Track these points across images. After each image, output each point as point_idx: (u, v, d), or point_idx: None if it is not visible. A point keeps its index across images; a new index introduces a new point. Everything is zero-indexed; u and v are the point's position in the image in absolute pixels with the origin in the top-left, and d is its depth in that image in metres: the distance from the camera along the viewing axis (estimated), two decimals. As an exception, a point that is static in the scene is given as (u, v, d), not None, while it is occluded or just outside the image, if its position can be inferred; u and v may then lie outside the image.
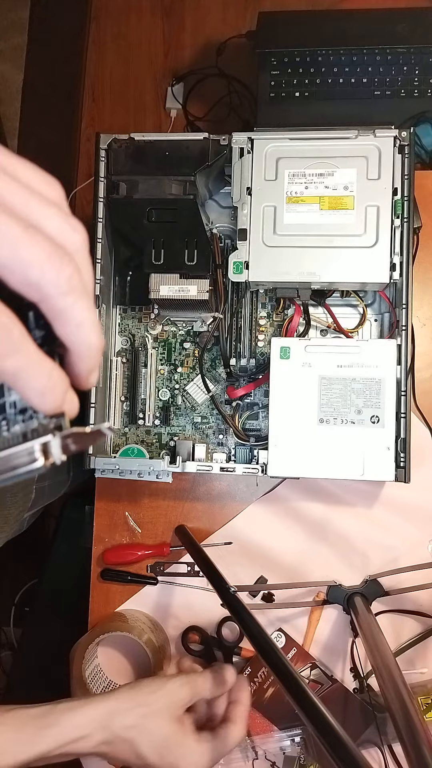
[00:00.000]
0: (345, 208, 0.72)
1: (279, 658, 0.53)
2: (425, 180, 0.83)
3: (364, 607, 0.77)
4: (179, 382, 0.84)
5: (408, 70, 1.11)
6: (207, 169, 0.75)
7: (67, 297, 0.24)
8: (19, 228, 0.23)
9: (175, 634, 0.86)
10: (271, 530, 0.85)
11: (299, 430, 0.72)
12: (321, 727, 0.44)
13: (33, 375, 0.24)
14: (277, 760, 0.81)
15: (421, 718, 0.76)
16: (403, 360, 0.72)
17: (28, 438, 0.25)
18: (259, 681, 0.82)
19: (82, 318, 0.25)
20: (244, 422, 0.82)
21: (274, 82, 1.14)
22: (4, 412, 0.26)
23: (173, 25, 1.54)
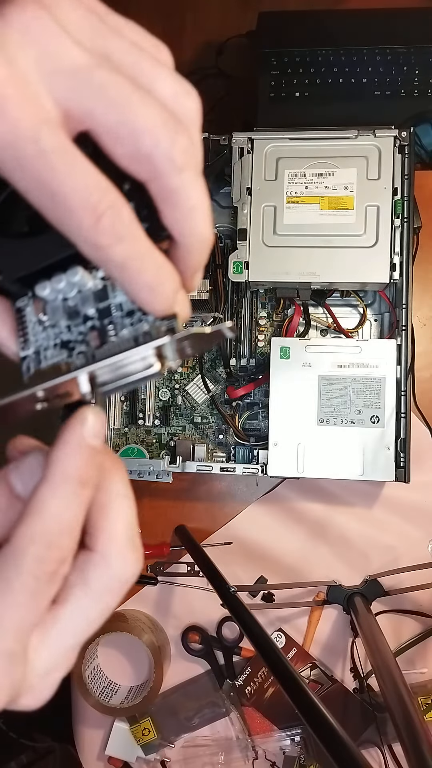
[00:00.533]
0: (345, 208, 0.72)
1: (279, 658, 0.53)
2: (425, 180, 0.83)
3: (364, 607, 0.77)
4: (179, 382, 0.84)
5: (408, 70, 1.11)
6: (207, 169, 0.75)
7: (182, 174, 0.21)
8: (130, 88, 0.20)
9: (175, 634, 0.86)
10: (271, 530, 0.85)
11: (299, 430, 0.72)
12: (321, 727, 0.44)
13: (143, 266, 0.21)
14: (277, 760, 0.81)
15: (421, 718, 0.76)
16: (403, 360, 0.72)
17: (139, 341, 0.23)
18: (259, 681, 0.82)
19: (195, 201, 0.21)
20: (244, 422, 0.82)
21: (274, 82, 1.14)
22: (109, 315, 0.24)
23: (173, 25, 1.54)
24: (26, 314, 0.25)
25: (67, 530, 0.21)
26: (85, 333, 0.24)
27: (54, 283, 0.24)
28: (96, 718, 0.85)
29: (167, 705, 0.84)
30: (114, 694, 0.84)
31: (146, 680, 0.83)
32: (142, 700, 0.80)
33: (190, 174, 0.21)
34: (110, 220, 0.20)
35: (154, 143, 0.20)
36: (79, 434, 0.22)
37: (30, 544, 0.21)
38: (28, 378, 0.25)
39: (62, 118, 0.20)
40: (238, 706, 0.82)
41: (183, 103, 0.22)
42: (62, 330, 0.24)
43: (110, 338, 0.24)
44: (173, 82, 0.22)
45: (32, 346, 0.25)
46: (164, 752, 0.84)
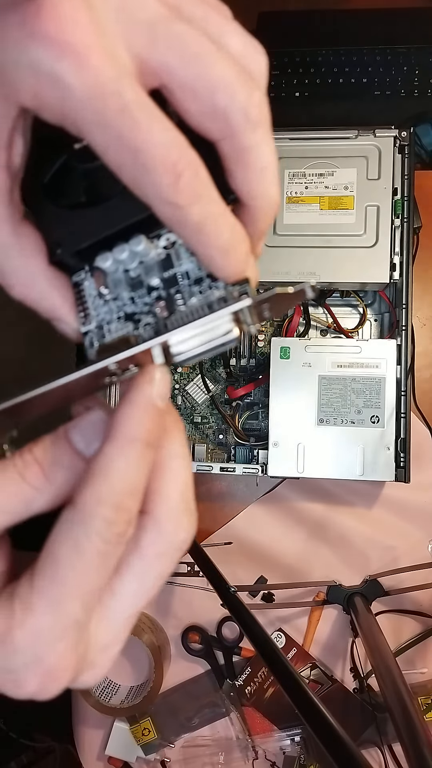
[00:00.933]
0: (345, 208, 0.72)
1: (279, 658, 0.53)
2: (425, 180, 0.83)
3: (364, 607, 0.77)
4: (179, 382, 0.84)
5: (408, 70, 1.11)
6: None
7: (256, 131, 0.20)
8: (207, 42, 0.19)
9: (175, 634, 0.86)
10: (271, 530, 0.85)
11: (299, 430, 0.72)
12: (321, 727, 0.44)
13: (219, 228, 0.20)
14: (277, 760, 0.81)
15: (421, 718, 0.76)
16: (403, 360, 0.72)
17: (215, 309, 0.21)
18: (259, 681, 0.82)
19: (267, 161, 0.21)
20: (244, 422, 0.82)
21: (274, 82, 1.14)
22: (176, 283, 0.23)
23: (173, 25, 1.54)
24: (85, 288, 0.24)
25: (133, 491, 0.21)
26: (150, 304, 0.23)
27: (116, 253, 0.23)
28: (96, 718, 0.85)
29: (167, 705, 0.84)
30: (114, 694, 0.84)
31: (146, 680, 0.83)
32: (142, 700, 0.80)
33: (262, 131, 0.20)
34: (189, 179, 0.19)
35: (230, 98, 0.20)
36: (147, 394, 0.21)
37: (98, 505, 0.20)
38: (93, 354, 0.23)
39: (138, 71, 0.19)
40: (238, 706, 0.82)
41: (253, 56, 0.21)
42: (125, 302, 0.24)
43: (179, 307, 0.23)
44: (242, 36, 0.21)
45: (94, 320, 0.24)
46: (164, 752, 0.84)
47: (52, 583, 0.20)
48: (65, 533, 0.20)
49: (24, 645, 0.20)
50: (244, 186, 0.21)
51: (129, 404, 0.21)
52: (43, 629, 0.20)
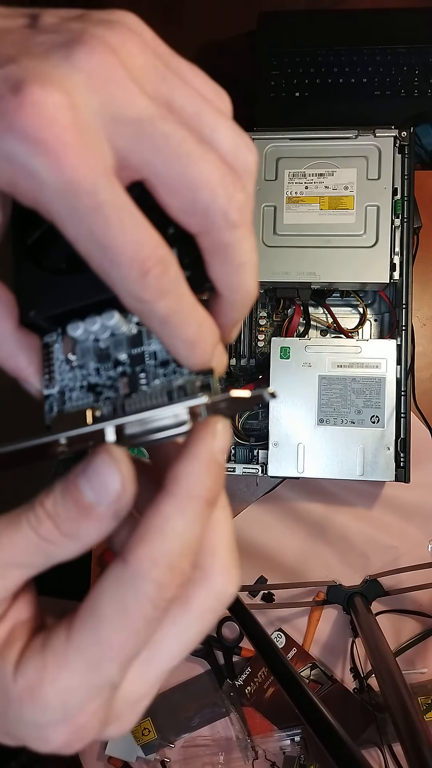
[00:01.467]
0: (345, 208, 0.72)
1: (279, 658, 0.53)
2: (425, 180, 0.83)
3: (364, 607, 0.77)
4: (179, 382, 0.84)
5: (408, 70, 1.11)
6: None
7: (236, 230, 0.20)
8: (192, 141, 0.20)
9: (175, 634, 0.86)
10: (271, 530, 0.85)
11: (299, 430, 0.72)
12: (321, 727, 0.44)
13: (185, 322, 0.20)
14: (277, 760, 0.81)
15: (421, 718, 0.76)
16: (403, 360, 0.72)
17: (173, 397, 0.22)
18: (259, 681, 0.82)
19: (245, 258, 0.21)
20: (244, 422, 0.82)
21: (274, 82, 1.14)
22: (142, 362, 0.23)
23: (173, 25, 1.54)
24: (53, 351, 0.24)
25: (189, 552, 0.20)
26: (114, 378, 0.23)
27: (88, 324, 0.23)
28: (96, 718, 0.85)
29: (167, 705, 0.84)
30: (114, 694, 0.84)
31: (146, 680, 0.83)
32: (142, 700, 0.80)
33: (243, 230, 0.21)
34: (157, 277, 0.19)
35: (211, 199, 0.20)
36: (210, 448, 0.20)
37: (152, 567, 0.19)
38: (50, 419, 0.23)
39: (119, 166, 0.19)
40: (238, 706, 0.82)
41: (242, 156, 0.21)
42: (90, 372, 0.23)
43: (141, 387, 0.23)
44: (233, 133, 0.21)
45: (57, 384, 0.24)
46: (164, 752, 0.84)
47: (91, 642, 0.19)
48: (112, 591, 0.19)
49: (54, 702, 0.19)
50: (220, 278, 0.22)
51: (190, 459, 0.20)
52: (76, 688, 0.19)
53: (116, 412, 0.22)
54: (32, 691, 0.19)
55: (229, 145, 0.21)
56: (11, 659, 0.19)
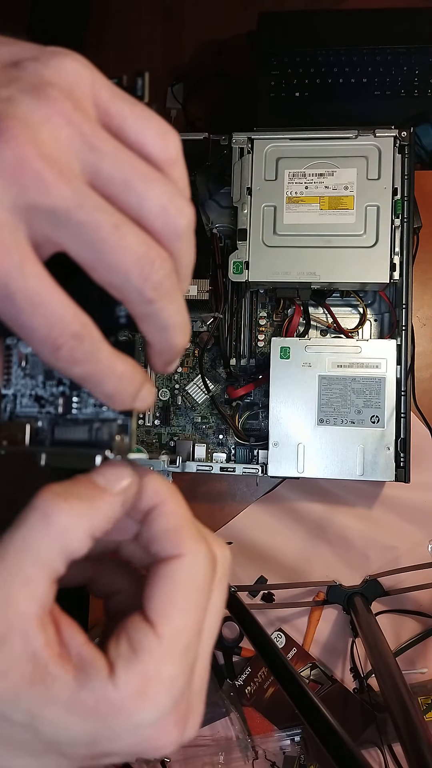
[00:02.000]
0: (345, 208, 0.72)
1: (279, 658, 0.53)
2: (425, 180, 0.83)
3: (364, 607, 0.77)
4: (179, 382, 0.84)
5: (408, 70, 1.11)
6: (207, 169, 0.75)
7: (152, 305, 0.22)
8: (107, 229, 0.20)
9: (175, 634, 0.86)
10: (271, 530, 0.85)
11: (299, 430, 0.72)
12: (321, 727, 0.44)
13: (101, 381, 0.22)
14: (277, 760, 0.81)
15: (421, 718, 0.76)
16: (403, 360, 0.72)
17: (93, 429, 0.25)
18: (259, 681, 0.82)
19: (166, 323, 0.23)
20: (244, 422, 0.82)
21: (274, 82, 1.14)
22: (79, 389, 0.26)
23: (173, 25, 1.54)
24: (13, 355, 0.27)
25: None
26: (56, 396, 0.26)
27: None
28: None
29: (167, 705, 0.84)
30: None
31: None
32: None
33: (159, 303, 0.22)
34: (69, 350, 0.21)
35: (124, 281, 0.21)
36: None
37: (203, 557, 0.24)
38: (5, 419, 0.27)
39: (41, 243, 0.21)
40: (238, 706, 0.82)
41: (170, 219, 0.22)
42: (38, 384, 0.26)
43: (73, 410, 0.26)
44: (164, 200, 0.22)
45: (12, 388, 0.27)
46: (164, 752, 0.84)
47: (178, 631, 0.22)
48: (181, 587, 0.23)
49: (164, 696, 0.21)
50: (146, 335, 0.23)
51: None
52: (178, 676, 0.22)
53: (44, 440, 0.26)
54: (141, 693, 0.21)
55: (156, 212, 0.22)
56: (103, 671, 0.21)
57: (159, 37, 1.54)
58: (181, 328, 0.23)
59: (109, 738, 0.21)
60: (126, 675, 0.21)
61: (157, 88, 1.52)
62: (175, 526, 0.24)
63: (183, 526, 0.24)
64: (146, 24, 1.55)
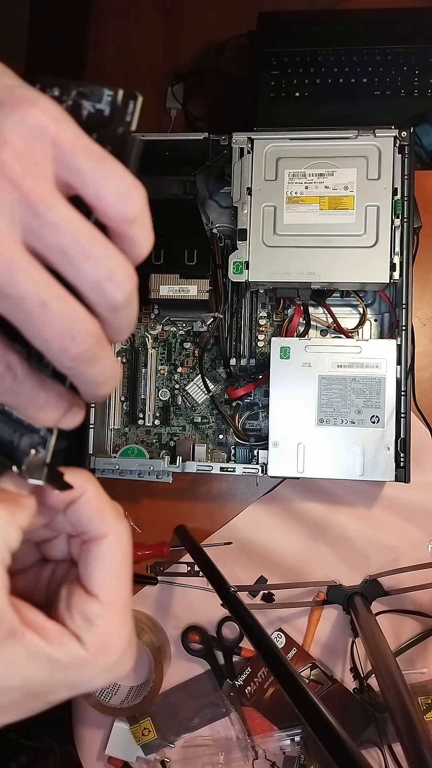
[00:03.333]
0: (345, 208, 0.72)
1: (279, 658, 0.53)
2: (425, 180, 0.83)
3: (364, 607, 0.77)
4: (179, 382, 0.84)
5: (408, 70, 1.11)
6: (207, 169, 0.75)
7: (71, 370, 0.24)
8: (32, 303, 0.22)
9: (175, 634, 0.86)
10: (271, 530, 0.85)
11: (299, 430, 0.72)
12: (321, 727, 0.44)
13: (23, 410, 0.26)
14: (277, 760, 0.81)
15: (421, 718, 0.76)
16: (403, 360, 0.72)
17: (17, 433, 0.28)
18: (259, 681, 0.82)
19: (88, 380, 0.25)
20: (244, 422, 0.82)
21: (274, 82, 1.14)
22: None
23: (173, 25, 1.54)
24: None
25: None
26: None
27: None
28: (96, 718, 0.85)
29: (167, 705, 0.84)
30: (114, 694, 0.84)
31: (146, 680, 0.83)
32: (142, 700, 0.80)
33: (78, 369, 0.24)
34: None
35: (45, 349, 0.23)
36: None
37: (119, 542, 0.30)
38: None
39: None
40: (238, 706, 0.82)
41: (104, 294, 0.23)
42: None
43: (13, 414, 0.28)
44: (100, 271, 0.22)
45: None
46: (164, 752, 0.84)
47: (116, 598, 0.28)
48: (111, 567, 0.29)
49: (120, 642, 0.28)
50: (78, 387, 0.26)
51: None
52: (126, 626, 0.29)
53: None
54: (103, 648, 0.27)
55: (89, 286, 0.23)
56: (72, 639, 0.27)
57: (159, 37, 1.54)
58: (104, 383, 0.25)
59: (86, 681, 0.27)
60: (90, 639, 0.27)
61: (157, 88, 1.52)
62: (99, 511, 0.29)
63: (105, 509, 0.29)
64: (146, 24, 1.55)
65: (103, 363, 0.24)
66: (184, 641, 0.85)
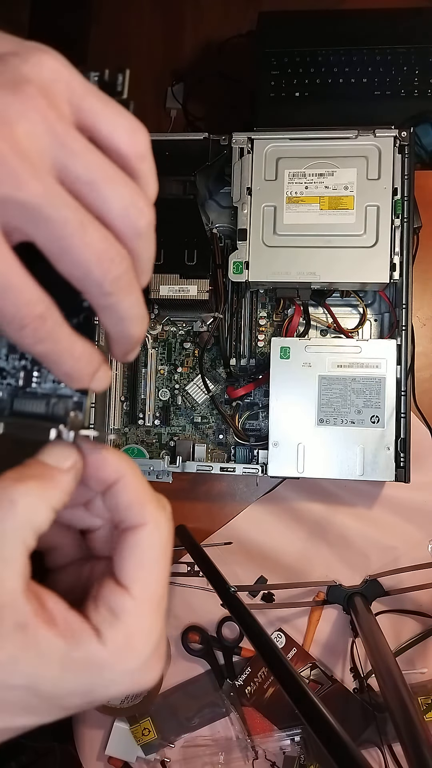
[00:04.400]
0: (345, 208, 0.72)
1: (279, 658, 0.53)
2: (425, 180, 0.83)
3: (364, 607, 0.77)
4: (179, 382, 0.84)
5: (408, 70, 1.11)
6: (207, 169, 0.75)
7: (110, 297, 0.24)
8: (73, 225, 0.22)
9: (175, 634, 0.86)
10: (271, 530, 0.85)
11: (299, 430, 0.72)
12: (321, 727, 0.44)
13: (60, 360, 0.24)
14: (277, 760, 0.81)
15: (421, 718, 0.76)
16: (403, 360, 0.72)
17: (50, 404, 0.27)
18: (259, 681, 0.82)
19: (123, 314, 0.25)
20: (244, 422, 0.82)
21: (274, 82, 1.14)
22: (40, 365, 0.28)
23: (173, 25, 1.54)
24: None
25: None
26: (18, 369, 0.28)
27: None
28: (96, 718, 0.85)
29: (167, 705, 0.84)
30: (114, 694, 0.84)
31: (146, 680, 0.83)
32: (142, 700, 0.80)
33: (118, 296, 0.24)
34: (33, 330, 0.23)
35: (85, 274, 0.23)
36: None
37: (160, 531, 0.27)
38: None
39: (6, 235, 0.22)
40: (238, 706, 0.82)
41: (131, 220, 0.24)
42: (1, 356, 0.28)
43: (33, 385, 0.28)
44: (126, 198, 0.23)
45: None
46: (164, 752, 0.84)
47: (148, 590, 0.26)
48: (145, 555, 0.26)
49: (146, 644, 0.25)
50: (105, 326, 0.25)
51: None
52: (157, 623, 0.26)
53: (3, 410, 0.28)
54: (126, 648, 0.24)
55: (117, 213, 0.23)
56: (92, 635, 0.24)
57: (159, 37, 1.54)
58: (138, 319, 0.25)
59: (104, 686, 0.24)
60: (112, 635, 0.24)
61: (157, 88, 1.52)
62: (138, 498, 0.27)
63: (145, 497, 0.27)
64: (146, 24, 1.55)
65: (137, 293, 0.25)
66: (184, 641, 0.85)
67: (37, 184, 0.21)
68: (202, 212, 0.80)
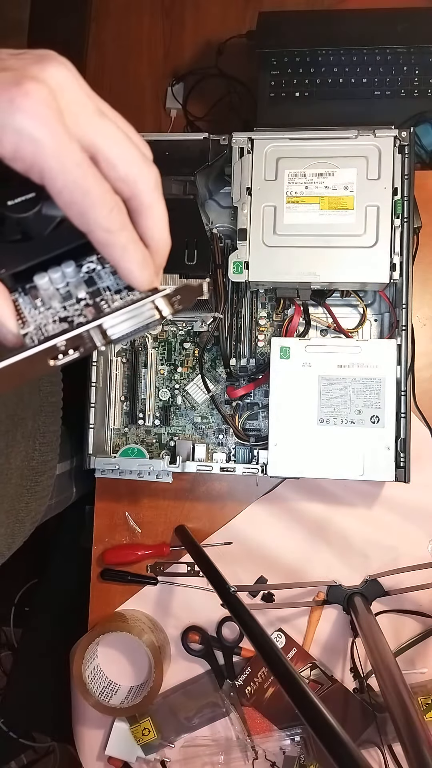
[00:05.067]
0: (345, 208, 0.72)
1: (279, 658, 0.53)
2: (425, 180, 0.83)
3: (364, 607, 0.77)
4: (179, 382, 0.84)
5: (408, 70, 1.11)
6: (207, 169, 0.75)
7: (155, 192, 0.30)
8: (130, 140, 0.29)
9: (175, 634, 0.86)
10: (271, 530, 0.85)
11: (299, 430, 0.72)
12: (321, 727, 0.44)
13: (136, 249, 0.29)
14: (277, 760, 0.82)
15: (421, 718, 0.76)
16: (403, 360, 0.72)
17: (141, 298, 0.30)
18: (259, 681, 0.82)
19: (162, 213, 0.30)
20: (244, 422, 0.82)
21: (274, 82, 1.14)
22: (100, 294, 0.31)
23: (173, 25, 1.54)
24: (20, 304, 0.31)
25: None
26: (80, 309, 0.31)
27: (51, 272, 0.30)
28: (96, 718, 0.85)
29: (167, 705, 0.84)
30: (114, 694, 0.84)
31: (146, 680, 0.83)
32: (142, 700, 0.80)
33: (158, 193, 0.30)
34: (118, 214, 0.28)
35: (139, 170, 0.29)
36: None
37: None
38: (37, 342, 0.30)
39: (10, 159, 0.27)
40: (238, 706, 0.82)
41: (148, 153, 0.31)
42: (58, 310, 0.31)
43: (104, 310, 0.30)
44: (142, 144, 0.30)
45: (32, 324, 0.30)
46: (164, 752, 0.84)
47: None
48: None
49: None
50: (146, 231, 0.30)
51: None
52: None
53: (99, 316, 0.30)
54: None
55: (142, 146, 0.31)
56: None
57: (159, 37, 1.54)
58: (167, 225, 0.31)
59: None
60: None
61: (157, 88, 1.52)
62: None
63: None
64: (146, 24, 1.55)
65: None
66: (184, 641, 0.85)
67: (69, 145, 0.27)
68: (202, 212, 0.80)
